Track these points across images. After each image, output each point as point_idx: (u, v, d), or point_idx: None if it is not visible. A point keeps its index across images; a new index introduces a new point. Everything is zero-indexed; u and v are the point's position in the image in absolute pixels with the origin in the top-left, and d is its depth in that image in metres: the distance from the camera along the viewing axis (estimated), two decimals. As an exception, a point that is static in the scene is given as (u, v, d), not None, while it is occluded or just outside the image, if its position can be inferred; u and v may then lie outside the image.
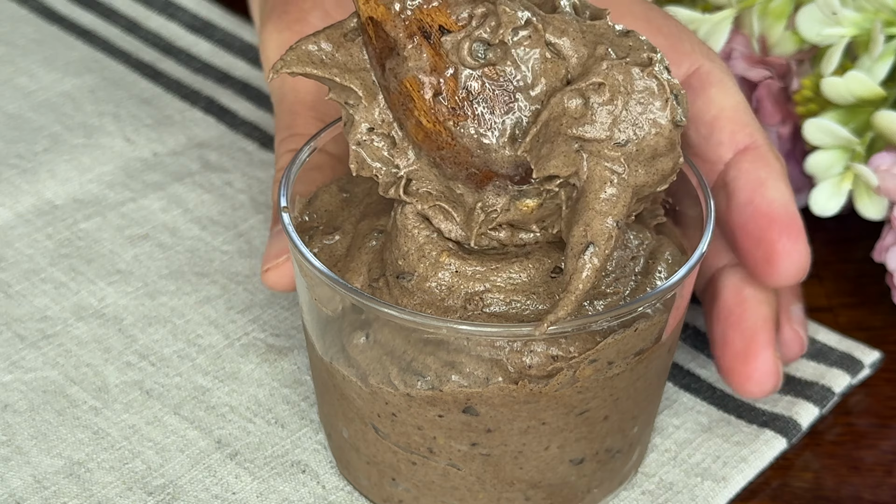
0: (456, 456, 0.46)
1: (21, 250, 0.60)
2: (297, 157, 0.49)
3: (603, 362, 0.44)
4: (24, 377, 0.55)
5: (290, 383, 0.55)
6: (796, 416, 0.54)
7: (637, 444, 0.49)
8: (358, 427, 0.48)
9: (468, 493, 0.47)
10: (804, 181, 0.62)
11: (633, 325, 0.44)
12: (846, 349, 0.56)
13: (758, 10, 0.61)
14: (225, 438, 0.52)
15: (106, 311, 0.58)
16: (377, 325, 0.44)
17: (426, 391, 0.44)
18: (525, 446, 0.46)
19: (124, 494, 0.50)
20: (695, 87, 0.51)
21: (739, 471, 0.52)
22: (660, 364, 0.47)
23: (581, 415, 0.46)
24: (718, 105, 0.50)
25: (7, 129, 0.67)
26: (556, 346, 0.43)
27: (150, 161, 0.65)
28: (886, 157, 0.56)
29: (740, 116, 0.50)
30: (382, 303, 0.44)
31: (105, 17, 0.75)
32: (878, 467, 0.53)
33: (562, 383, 0.44)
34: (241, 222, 0.62)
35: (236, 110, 0.68)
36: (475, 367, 0.43)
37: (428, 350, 0.44)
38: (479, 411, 0.45)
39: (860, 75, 0.57)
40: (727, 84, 0.50)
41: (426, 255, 0.45)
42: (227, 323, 0.57)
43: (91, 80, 0.70)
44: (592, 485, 0.49)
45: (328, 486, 0.51)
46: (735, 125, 0.50)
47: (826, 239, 0.63)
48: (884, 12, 0.57)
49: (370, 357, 0.45)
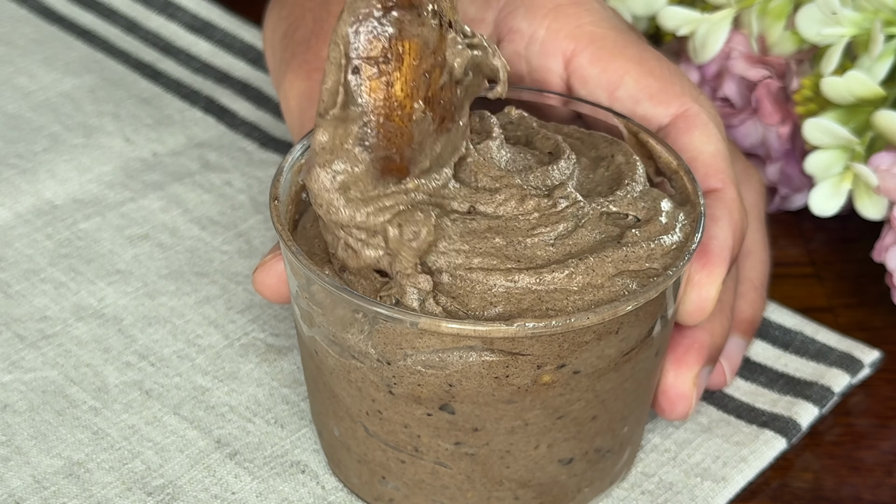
0: (443, 455, 0.46)
1: (21, 250, 0.60)
2: (291, 154, 0.49)
3: (581, 364, 0.44)
4: (23, 377, 0.55)
5: (290, 383, 0.55)
6: (796, 416, 0.54)
7: (628, 444, 0.49)
8: (348, 425, 0.48)
9: (458, 491, 0.47)
10: (804, 181, 0.62)
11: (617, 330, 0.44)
12: (846, 349, 0.56)
13: (757, 9, 0.61)
14: (224, 438, 0.52)
15: (106, 311, 0.58)
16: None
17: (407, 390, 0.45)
18: (512, 446, 0.46)
19: (124, 495, 0.50)
20: (680, 128, 0.52)
21: (739, 471, 0.52)
22: (648, 365, 0.47)
23: (565, 416, 0.46)
24: (697, 149, 0.51)
25: (7, 129, 0.67)
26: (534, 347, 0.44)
27: (150, 161, 0.65)
28: (886, 157, 0.56)
29: (716, 162, 0.51)
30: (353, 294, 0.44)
31: (105, 17, 0.75)
32: (878, 467, 0.53)
33: (538, 383, 0.44)
34: (240, 222, 0.62)
35: (236, 110, 0.68)
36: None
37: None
38: (456, 409, 0.45)
39: (860, 75, 0.57)
40: (710, 129, 0.52)
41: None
42: (227, 323, 0.57)
43: (91, 80, 0.70)
44: (583, 484, 0.49)
45: (328, 486, 0.51)
46: (709, 170, 0.51)
47: (826, 239, 0.63)
48: (883, 12, 0.57)
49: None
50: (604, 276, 0.45)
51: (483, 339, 0.43)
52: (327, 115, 0.44)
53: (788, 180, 0.62)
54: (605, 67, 0.53)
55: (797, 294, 0.60)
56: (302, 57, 0.55)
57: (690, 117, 0.52)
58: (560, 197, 0.46)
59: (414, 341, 0.44)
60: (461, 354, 0.44)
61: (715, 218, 0.50)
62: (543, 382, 0.44)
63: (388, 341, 0.44)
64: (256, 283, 0.51)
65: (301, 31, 0.56)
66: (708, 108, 0.52)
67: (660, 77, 0.52)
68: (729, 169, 0.51)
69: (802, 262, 0.62)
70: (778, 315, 0.58)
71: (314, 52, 0.55)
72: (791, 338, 0.57)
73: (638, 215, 0.47)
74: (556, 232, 0.45)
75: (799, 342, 0.57)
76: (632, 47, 0.53)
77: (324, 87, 0.44)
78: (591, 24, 0.53)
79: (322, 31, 0.56)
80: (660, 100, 0.52)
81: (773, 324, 0.58)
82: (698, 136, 0.51)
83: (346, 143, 0.44)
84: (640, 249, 0.45)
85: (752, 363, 0.56)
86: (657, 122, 0.52)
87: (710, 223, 0.49)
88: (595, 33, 0.53)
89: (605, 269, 0.45)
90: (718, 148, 0.51)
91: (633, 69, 0.52)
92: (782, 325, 0.58)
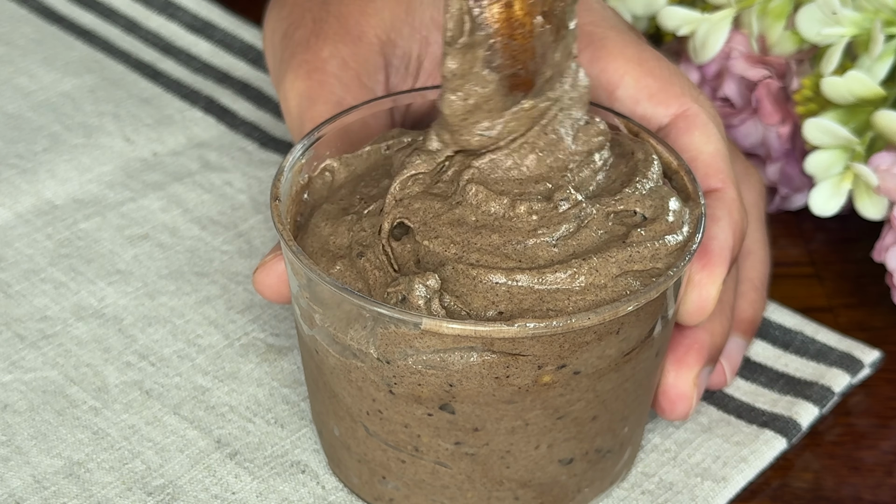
0: (443, 455, 0.46)
1: (21, 250, 0.60)
2: (292, 154, 0.49)
3: (583, 364, 0.44)
4: (23, 377, 0.55)
5: (290, 383, 0.55)
6: (796, 416, 0.54)
7: (628, 444, 0.50)
8: (348, 425, 0.48)
9: (458, 491, 0.47)
10: (804, 181, 0.62)
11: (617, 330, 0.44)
12: (846, 349, 0.56)
13: (757, 9, 0.61)
14: (224, 438, 0.52)
15: (106, 311, 0.58)
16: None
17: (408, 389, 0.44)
18: (512, 446, 0.46)
19: (124, 494, 0.50)
20: (680, 129, 0.52)
21: (739, 471, 0.52)
22: (649, 365, 0.47)
23: (565, 416, 0.46)
24: (697, 149, 0.51)
25: (7, 129, 0.67)
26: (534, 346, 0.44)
27: (150, 161, 0.65)
28: (886, 157, 0.56)
29: (716, 162, 0.51)
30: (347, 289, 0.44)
31: (105, 17, 0.75)
32: (878, 467, 0.53)
33: (539, 384, 0.44)
34: (240, 222, 0.62)
35: (236, 110, 0.68)
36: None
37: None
38: (456, 409, 0.45)
39: (860, 75, 0.57)
40: (710, 129, 0.52)
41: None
42: (227, 323, 0.57)
43: (91, 80, 0.70)
44: (583, 484, 0.49)
45: (328, 486, 0.51)
46: (709, 169, 0.51)
47: (826, 239, 0.63)
48: (884, 12, 0.57)
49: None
50: (607, 277, 0.45)
51: (484, 340, 0.43)
52: (455, 43, 0.46)
53: (788, 180, 0.62)
54: (605, 67, 0.53)
55: (797, 294, 0.60)
56: (301, 57, 0.55)
57: (690, 117, 0.52)
58: (561, 199, 0.46)
59: (415, 341, 0.44)
60: (462, 354, 0.44)
61: (715, 218, 0.50)
62: (544, 383, 0.44)
63: (389, 341, 0.44)
64: (257, 283, 0.51)
65: (301, 32, 0.56)
66: (708, 107, 0.52)
67: (659, 77, 0.52)
68: (729, 169, 0.51)
69: (802, 262, 0.62)
70: (778, 315, 0.58)
71: (314, 52, 0.55)
72: (791, 338, 0.57)
73: (645, 213, 0.47)
74: (557, 233, 0.45)
75: (799, 342, 0.57)
76: (631, 47, 0.53)
77: (447, 16, 0.46)
78: (590, 25, 0.53)
79: (321, 31, 0.56)
80: (659, 100, 0.52)
81: (773, 324, 0.58)
82: (698, 136, 0.51)
83: (474, 66, 0.46)
84: (645, 249, 0.45)
85: (753, 363, 0.56)
86: (657, 122, 0.52)
87: (710, 223, 0.49)
88: (595, 33, 0.53)
89: (609, 270, 0.45)
90: (718, 148, 0.51)
91: (632, 69, 0.52)
92: (782, 325, 0.58)
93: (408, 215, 0.46)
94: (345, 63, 0.55)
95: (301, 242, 0.47)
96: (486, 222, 0.45)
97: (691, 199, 0.48)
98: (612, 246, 0.45)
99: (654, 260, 0.45)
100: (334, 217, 0.48)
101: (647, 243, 0.45)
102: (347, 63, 0.55)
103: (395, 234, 0.46)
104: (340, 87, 0.54)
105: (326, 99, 0.54)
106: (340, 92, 0.54)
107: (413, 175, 0.47)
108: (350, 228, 0.47)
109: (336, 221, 0.47)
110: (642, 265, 0.45)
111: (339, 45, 0.55)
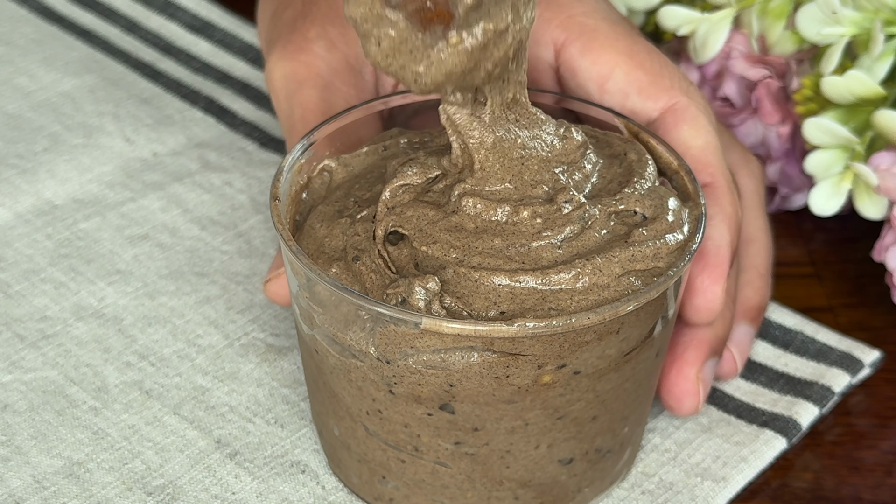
0: (443, 455, 0.46)
1: (21, 250, 0.60)
2: (291, 154, 0.49)
3: (583, 364, 0.44)
4: (23, 377, 0.55)
5: (290, 383, 0.55)
6: (796, 415, 0.54)
7: (628, 444, 0.49)
8: (348, 425, 0.48)
9: (458, 491, 0.47)
10: (804, 181, 0.62)
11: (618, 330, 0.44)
12: (846, 349, 0.56)
13: (757, 9, 0.61)
14: (224, 438, 0.52)
15: (106, 312, 0.58)
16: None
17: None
18: (512, 446, 0.46)
19: (124, 495, 0.50)
20: (668, 123, 0.52)
21: (739, 471, 0.52)
22: (649, 365, 0.47)
23: (565, 416, 0.46)
24: (686, 143, 0.51)
25: (7, 129, 0.67)
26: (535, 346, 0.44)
27: (150, 161, 0.65)
28: (886, 157, 0.56)
29: (705, 157, 0.51)
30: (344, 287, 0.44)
31: (105, 16, 0.75)
32: (878, 467, 0.53)
33: (539, 383, 0.44)
34: (240, 222, 0.62)
35: (236, 110, 0.68)
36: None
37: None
38: (456, 409, 0.45)
39: (860, 75, 0.57)
40: (700, 122, 0.51)
41: None
42: (227, 323, 0.57)
43: (91, 79, 0.70)
44: (583, 484, 0.49)
45: (328, 486, 0.51)
46: (698, 164, 0.51)
47: (826, 239, 0.63)
48: (883, 12, 0.57)
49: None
50: (610, 276, 0.45)
51: (483, 340, 0.43)
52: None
53: (788, 180, 0.62)
54: (595, 59, 0.52)
55: (797, 294, 0.60)
56: (287, 38, 0.55)
57: (679, 111, 0.51)
58: (564, 201, 0.46)
59: (415, 341, 0.44)
60: (462, 354, 0.44)
61: (708, 216, 0.49)
62: (544, 382, 0.44)
63: (389, 341, 0.44)
64: (270, 293, 0.51)
65: (289, 12, 0.56)
66: (698, 100, 0.52)
67: (650, 70, 0.52)
68: (719, 162, 0.51)
69: (802, 262, 0.62)
70: (778, 315, 0.58)
71: (300, 34, 0.55)
72: (791, 338, 0.57)
73: (645, 213, 0.47)
74: (562, 234, 0.45)
75: (799, 342, 0.57)
76: (623, 39, 0.53)
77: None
78: (582, 15, 0.53)
79: (309, 12, 0.56)
80: (649, 94, 0.52)
81: (773, 324, 0.58)
82: (686, 130, 0.51)
83: (374, 8, 0.43)
84: (647, 248, 0.45)
85: (753, 363, 0.56)
86: (646, 116, 0.52)
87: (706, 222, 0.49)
88: (586, 24, 0.53)
89: (613, 269, 0.45)
90: (708, 141, 0.51)
91: (623, 62, 0.52)
92: (782, 325, 0.58)
93: (401, 223, 0.46)
94: (332, 44, 0.55)
95: (298, 243, 0.47)
96: (486, 228, 0.45)
97: (691, 198, 0.48)
98: (615, 246, 0.45)
99: (656, 259, 0.45)
100: (329, 219, 0.48)
101: (648, 242, 0.45)
102: (335, 44, 0.55)
103: (391, 239, 0.46)
104: (327, 70, 0.54)
105: (314, 82, 0.54)
106: (327, 75, 0.54)
107: (403, 185, 0.47)
108: (344, 232, 0.47)
109: (331, 223, 0.47)
110: (644, 264, 0.45)
111: (326, 25, 0.55)
